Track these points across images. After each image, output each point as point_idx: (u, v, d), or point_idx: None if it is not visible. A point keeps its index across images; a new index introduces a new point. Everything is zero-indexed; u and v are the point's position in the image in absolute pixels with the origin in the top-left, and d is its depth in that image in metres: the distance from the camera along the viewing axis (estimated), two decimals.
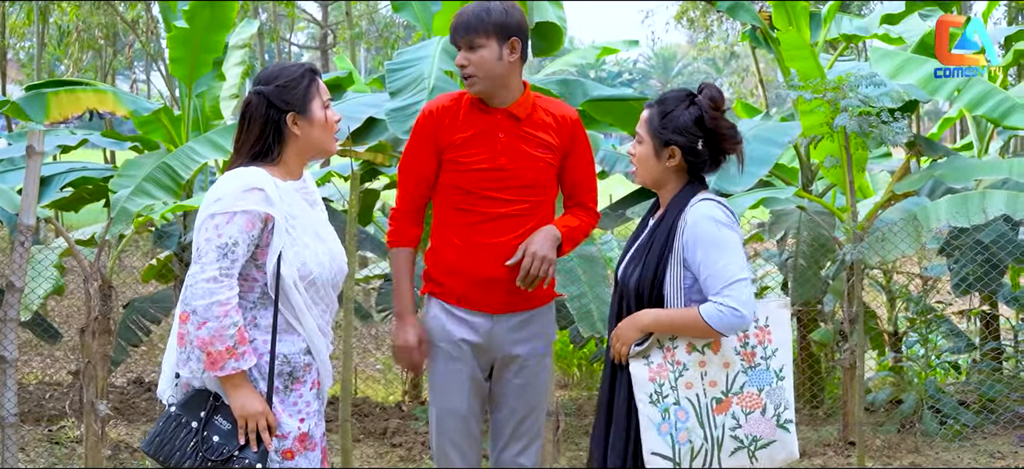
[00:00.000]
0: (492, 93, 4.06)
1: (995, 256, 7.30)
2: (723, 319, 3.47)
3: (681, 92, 3.72)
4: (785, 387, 3.57)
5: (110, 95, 7.57)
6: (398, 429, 7.48)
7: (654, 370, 3.56)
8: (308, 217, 3.47)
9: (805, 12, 7.57)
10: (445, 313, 4.14)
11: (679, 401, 3.53)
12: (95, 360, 5.92)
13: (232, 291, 3.28)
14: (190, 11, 7.14)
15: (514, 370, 4.19)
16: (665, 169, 3.68)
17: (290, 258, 3.37)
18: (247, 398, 3.31)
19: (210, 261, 3.27)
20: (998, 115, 6.50)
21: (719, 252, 3.51)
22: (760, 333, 3.57)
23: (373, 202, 9.16)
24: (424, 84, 6.46)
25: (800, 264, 7.34)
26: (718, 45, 28.36)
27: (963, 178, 6.60)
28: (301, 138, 3.48)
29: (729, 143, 3.65)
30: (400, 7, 8.16)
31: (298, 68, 3.52)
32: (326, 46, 22.08)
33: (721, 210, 3.59)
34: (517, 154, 4.08)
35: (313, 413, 3.46)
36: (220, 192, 3.35)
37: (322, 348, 3.50)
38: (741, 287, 3.48)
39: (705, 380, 3.54)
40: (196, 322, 3.25)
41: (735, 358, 3.55)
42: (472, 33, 3.99)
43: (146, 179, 6.00)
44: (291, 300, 3.38)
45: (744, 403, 3.53)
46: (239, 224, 3.30)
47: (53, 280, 7.32)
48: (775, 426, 3.54)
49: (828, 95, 6.07)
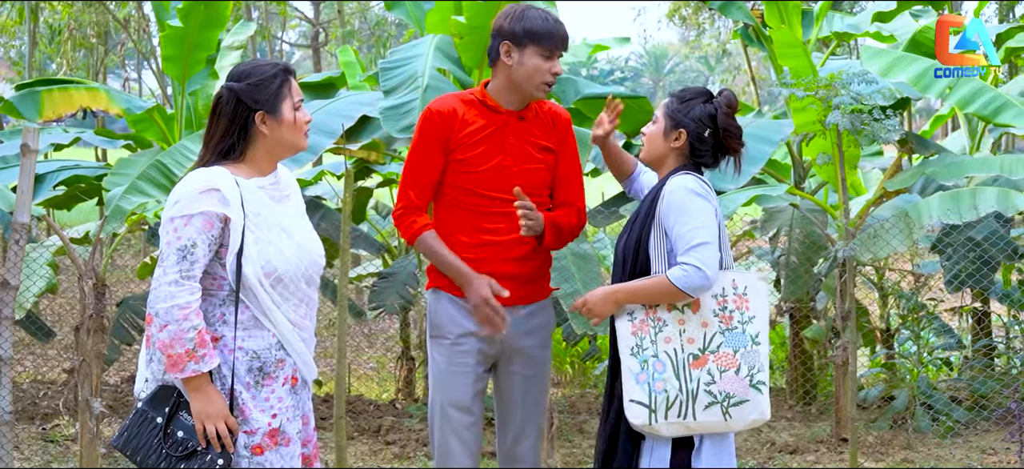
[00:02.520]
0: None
1: (987, 253, 7.33)
2: (687, 279, 3.68)
3: (701, 89, 4.00)
4: (760, 352, 3.78)
5: (103, 93, 7.59)
6: (392, 427, 7.50)
7: (636, 325, 3.79)
8: (273, 213, 3.47)
9: (797, 10, 7.59)
10: (453, 305, 4.21)
11: (657, 354, 3.75)
12: (90, 358, 5.93)
13: (193, 294, 3.31)
14: (184, 9, 7.14)
15: (520, 362, 4.28)
16: (669, 148, 3.91)
17: (253, 256, 3.38)
18: (206, 401, 3.34)
19: (171, 264, 3.31)
20: (989, 112, 6.52)
21: (688, 217, 3.74)
22: (738, 299, 3.79)
23: (367, 200, 9.17)
24: (418, 82, 6.48)
25: (792, 261, 7.37)
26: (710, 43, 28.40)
27: (954, 175, 6.62)
28: (269, 137, 3.49)
29: (733, 141, 3.89)
30: (392, 5, 8.17)
31: (271, 67, 3.52)
32: (318, 44, 22.02)
33: (696, 180, 3.82)
34: (522, 155, 4.17)
35: (286, 409, 3.47)
36: (178, 194, 3.38)
37: (295, 342, 3.50)
38: (705, 249, 3.70)
39: (683, 336, 3.76)
40: (158, 324, 3.29)
41: (713, 319, 3.77)
42: (567, 47, 4.18)
43: (140, 177, 6.00)
44: (257, 297, 3.40)
45: (720, 361, 3.75)
46: (197, 225, 3.32)
47: (47, 278, 7.32)
48: (748, 386, 3.76)
49: (820, 93, 6.10)
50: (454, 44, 6.76)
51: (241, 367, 3.41)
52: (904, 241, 6.38)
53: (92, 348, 5.94)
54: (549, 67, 4.09)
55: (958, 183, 6.89)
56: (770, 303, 4.01)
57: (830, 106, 6.05)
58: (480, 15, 6.42)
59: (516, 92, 4.16)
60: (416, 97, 6.38)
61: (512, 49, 4.10)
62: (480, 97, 4.20)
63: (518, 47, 4.09)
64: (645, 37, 51.15)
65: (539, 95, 4.16)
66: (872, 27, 8.20)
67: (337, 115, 6.76)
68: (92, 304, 5.94)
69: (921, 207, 6.47)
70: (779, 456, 6.84)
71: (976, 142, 8.49)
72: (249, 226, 3.39)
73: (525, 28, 4.07)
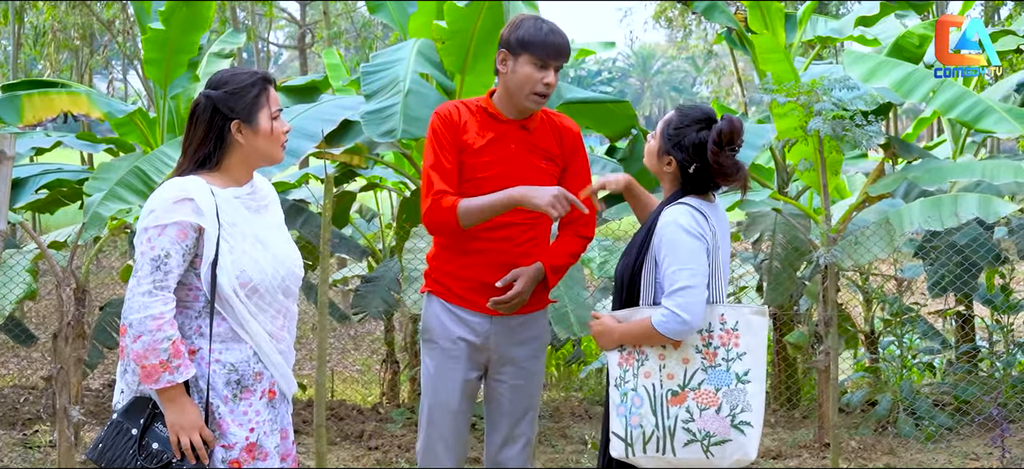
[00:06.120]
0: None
1: (970, 258, 7.34)
2: (666, 325, 3.59)
3: (702, 111, 3.78)
4: (748, 391, 3.62)
5: (84, 97, 7.54)
6: (375, 432, 7.47)
7: (623, 357, 3.73)
8: (249, 223, 3.43)
9: (780, 14, 7.58)
10: (445, 311, 4.22)
11: (636, 388, 3.67)
12: (68, 366, 5.89)
13: (167, 305, 3.27)
14: (166, 12, 7.10)
15: (511, 372, 4.28)
16: (662, 171, 3.81)
17: (227, 266, 3.33)
18: (180, 412, 3.29)
19: (144, 274, 3.26)
20: (971, 118, 6.50)
21: (674, 256, 3.62)
22: (726, 335, 3.65)
23: (350, 204, 9.15)
24: (399, 87, 6.45)
25: (775, 266, 7.37)
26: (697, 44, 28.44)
27: (937, 180, 6.61)
28: (245, 146, 3.44)
29: (723, 179, 3.71)
30: (376, 8, 8.13)
31: (249, 76, 3.47)
32: (305, 45, 21.98)
33: (690, 216, 3.67)
34: (525, 166, 4.15)
35: (264, 422, 3.43)
36: (152, 204, 3.34)
37: (272, 354, 3.45)
38: (687, 293, 3.58)
39: (663, 372, 3.65)
40: (132, 335, 3.25)
41: (695, 355, 3.65)
42: (564, 58, 4.11)
43: (119, 183, 5.97)
44: (233, 308, 3.36)
45: (700, 399, 3.62)
46: (170, 235, 3.28)
47: (26, 285, 7.27)
48: (729, 425, 3.61)
49: (801, 99, 6.08)
50: (436, 48, 6.73)
51: (219, 380, 3.36)
52: (886, 248, 6.36)
53: (70, 355, 5.90)
54: (541, 77, 4.05)
55: (941, 188, 6.89)
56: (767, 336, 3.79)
57: (812, 112, 6.03)
58: (462, 19, 6.40)
59: (512, 101, 4.14)
60: (397, 101, 6.35)
61: (508, 57, 4.09)
62: (484, 105, 4.19)
63: (513, 56, 4.07)
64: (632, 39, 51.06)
65: (530, 105, 4.11)
66: (856, 31, 8.20)
67: (319, 119, 6.73)
68: (71, 311, 5.90)
69: (903, 213, 6.46)
70: (762, 461, 6.83)
71: (960, 145, 8.50)
72: (224, 236, 3.35)
73: (519, 37, 4.06)
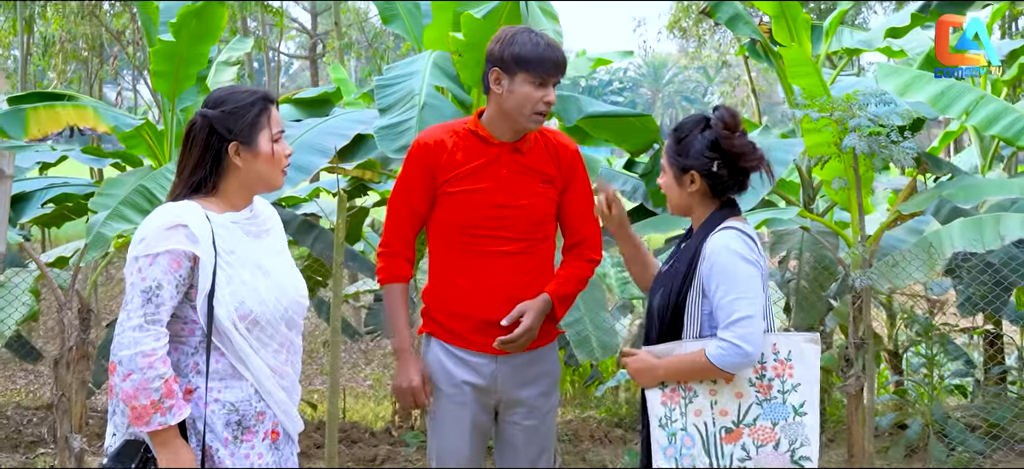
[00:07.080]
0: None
1: (1004, 277, 7.08)
2: (725, 357, 3.34)
3: (696, 117, 3.59)
4: (805, 423, 3.40)
5: (90, 110, 7.34)
6: (388, 456, 7.26)
7: (666, 395, 3.46)
8: (248, 250, 3.18)
9: (807, 24, 7.34)
10: (446, 354, 3.94)
11: (686, 427, 3.42)
12: (70, 393, 5.68)
13: (159, 340, 3.00)
14: (177, 23, 6.88)
15: (522, 413, 4.00)
16: (689, 196, 3.55)
17: (225, 297, 3.08)
18: (174, 456, 3.03)
19: (135, 308, 3.00)
20: (1012, 135, 6.25)
21: (730, 285, 3.38)
22: (779, 366, 3.43)
23: (362, 219, 8.95)
24: (414, 100, 6.24)
25: (803, 285, 7.12)
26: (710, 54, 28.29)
27: (973, 198, 6.31)
28: (243, 170, 3.20)
29: (748, 161, 3.50)
30: (389, 19, 7.93)
31: (249, 95, 3.22)
32: (316, 55, 21.84)
33: (742, 242, 3.44)
34: (520, 190, 3.88)
35: (266, 464, 3.18)
36: (143, 232, 3.08)
37: (275, 391, 3.19)
38: (747, 323, 3.34)
39: (715, 409, 3.41)
40: (122, 373, 2.98)
41: (749, 389, 3.41)
42: (562, 73, 3.82)
43: (123, 202, 5.74)
44: (233, 342, 3.10)
45: (756, 435, 3.39)
46: (162, 265, 3.02)
47: (28, 306, 7.07)
48: (789, 461, 3.38)
49: (836, 114, 5.80)
50: (453, 61, 6.53)
51: (218, 421, 3.11)
52: (926, 271, 6.06)
53: (73, 380, 5.71)
54: (541, 95, 3.77)
55: (975, 205, 6.64)
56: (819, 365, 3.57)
57: (846, 128, 5.75)
58: (479, 31, 6.18)
59: (508, 122, 3.85)
60: (412, 116, 6.14)
61: (502, 76, 3.79)
62: (473, 127, 3.91)
63: (507, 74, 3.77)
64: (645, 48, 50.94)
65: (531, 126, 3.83)
66: (884, 43, 7.96)
67: (331, 134, 6.53)
68: (75, 334, 5.70)
69: (942, 235, 6.12)
70: None
71: (988, 161, 8.27)
72: (221, 265, 3.09)
73: (514, 54, 3.75)
